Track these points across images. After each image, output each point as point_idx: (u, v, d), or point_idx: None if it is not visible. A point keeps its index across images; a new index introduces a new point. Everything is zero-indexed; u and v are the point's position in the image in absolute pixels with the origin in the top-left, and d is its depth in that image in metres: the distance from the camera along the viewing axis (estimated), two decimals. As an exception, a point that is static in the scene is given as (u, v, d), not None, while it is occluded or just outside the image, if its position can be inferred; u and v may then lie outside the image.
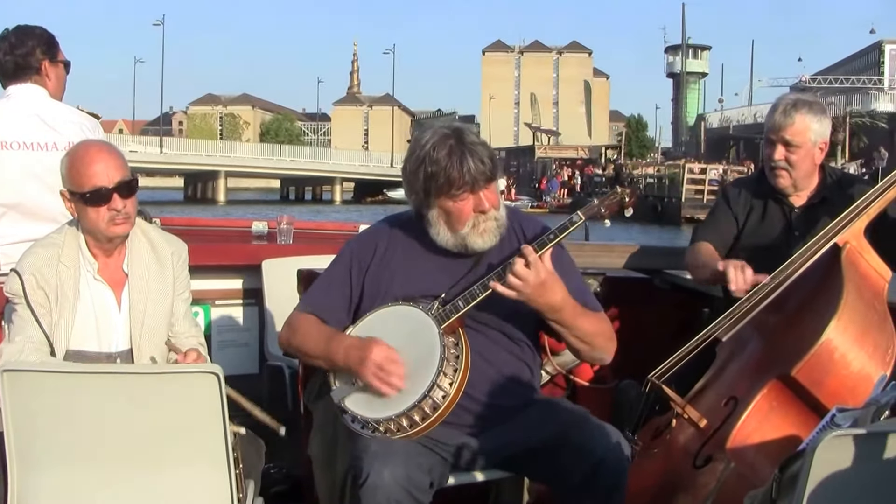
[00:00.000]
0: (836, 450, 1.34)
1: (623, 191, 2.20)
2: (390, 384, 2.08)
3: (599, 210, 2.19)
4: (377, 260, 2.29)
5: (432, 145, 2.13)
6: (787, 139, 2.68)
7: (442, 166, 2.10)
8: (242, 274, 4.04)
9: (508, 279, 2.07)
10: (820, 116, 2.68)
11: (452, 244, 2.19)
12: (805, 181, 2.73)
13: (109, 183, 2.20)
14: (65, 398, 1.84)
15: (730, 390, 2.34)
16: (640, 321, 3.25)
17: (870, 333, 2.24)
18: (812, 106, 2.70)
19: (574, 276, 2.28)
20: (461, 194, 2.12)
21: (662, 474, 2.35)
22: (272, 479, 2.97)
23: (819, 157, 2.71)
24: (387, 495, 1.94)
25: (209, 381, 1.83)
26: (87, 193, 2.19)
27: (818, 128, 2.67)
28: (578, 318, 2.18)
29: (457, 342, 2.13)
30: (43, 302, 2.19)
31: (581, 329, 2.19)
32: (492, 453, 2.21)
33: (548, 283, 2.09)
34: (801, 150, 2.67)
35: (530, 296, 2.08)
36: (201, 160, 57.82)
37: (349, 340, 2.18)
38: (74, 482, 1.88)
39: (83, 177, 2.20)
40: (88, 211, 2.21)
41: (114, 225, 2.23)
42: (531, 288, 2.07)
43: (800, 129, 2.66)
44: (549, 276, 2.09)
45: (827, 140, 2.70)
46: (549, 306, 2.12)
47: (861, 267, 2.38)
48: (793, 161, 2.69)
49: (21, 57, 2.94)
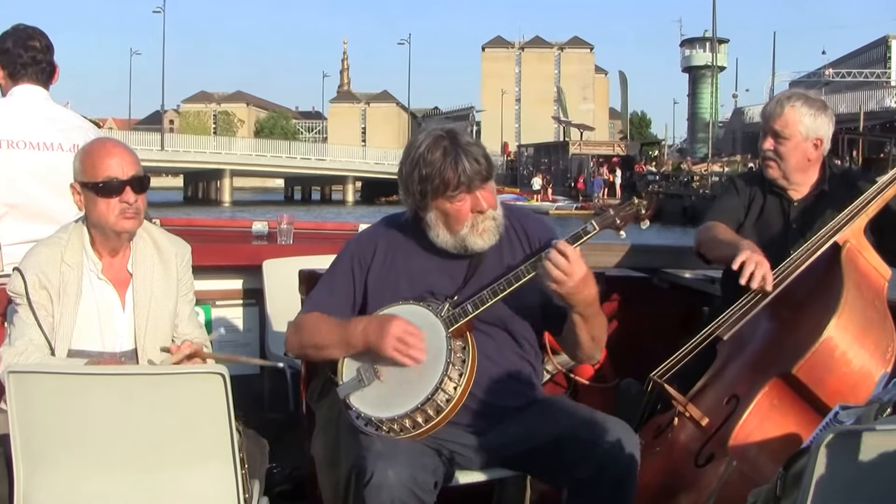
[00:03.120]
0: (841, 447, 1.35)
1: (640, 202, 2.17)
2: (411, 356, 2.09)
3: (615, 221, 2.17)
4: (379, 260, 2.30)
5: (426, 147, 2.14)
6: (777, 130, 2.69)
7: (437, 168, 2.11)
8: (243, 274, 4.04)
9: (555, 274, 2.06)
10: (815, 111, 2.68)
11: (452, 245, 2.20)
12: (798, 175, 2.73)
13: (123, 175, 2.22)
14: (70, 399, 1.84)
15: (731, 389, 2.36)
16: (640, 320, 3.26)
17: (870, 332, 2.25)
18: (808, 100, 2.70)
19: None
20: (458, 195, 2.14)
21: (664, 473, 2.36)
22: (275, 479, 2.97)
23: (813, 153, 2.70)
24: (391, 495, 1.95)
25: (215, 381, 1.83)
26: (101, 183, 2.20)
27: (810, 122, 2.66)
28: (600, 314, 2.21)
29: (464, 346, 2.14)
30: (45, 302, 2.20)
31: (599, 326, 2.22)
32: (496, 452, 2.22)
33: (588, 278, 2.10)
34: (790, 142, 2.68)
35: (572, 289, 2.08)
36: (205, 157, 53.97)
37: (366, 318, 2.20)
38: (80, 483, 1.88)
39: (97, 168, 2.21)
40: (99, 202, 2.22)
41: (124, 219, 2.23)
42: (574, 282, 2.07)
43: (789, 120, 2.67)
44: (588, 271, 2.10)
45: (822, 136, 2.69)
46: (585, 301, 2.13)
47: (861, 265, 2.40)
48: (781, 152, 2.70)
49: (42, 53, 2.94)
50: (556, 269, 2.06)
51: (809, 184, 2.75)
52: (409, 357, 2.09)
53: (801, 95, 2.74)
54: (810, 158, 2.71)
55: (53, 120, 2.96)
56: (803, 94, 2.78)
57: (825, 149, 2.73)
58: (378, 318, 2.16)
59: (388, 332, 2.10)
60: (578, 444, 2.12)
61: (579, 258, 2.08)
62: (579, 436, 2.13)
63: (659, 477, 2.34)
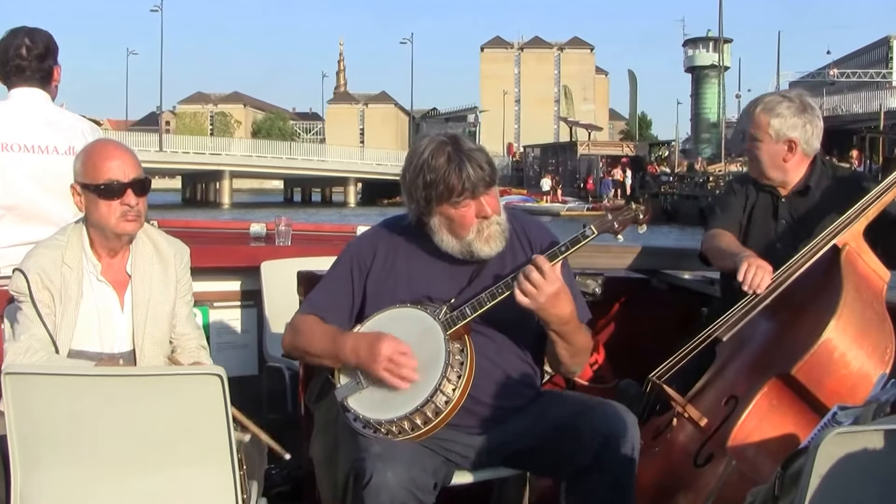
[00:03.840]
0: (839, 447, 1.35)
1: (638, 207, 2.19)
2: (402, 376, 2.09)
3: (613, 225, 2.18)
4: (379, 263, 2.29)
5: (430, 153, 2.14)
6: (750, 132, 2.78)
7: (441, 174, 2.12)
8: (241, 276, 4.04)
9: (525, 287, 2.08)
10: (789, 115, 2.71)
11: (458, 251, 2.20)
12: (776, 173, 2.77)
13: (125, 178, 2.22)
14: (68, 400, 1.84)
15: (730, 389, 2.36)
16: (639, 321, 3.27)
17: (869, 333, 2.26)
18: (782, 103, 2.74)
19: (574, 288, 2.28)
20: (462, 201, 2.13)
21: (663, 473, 2.36)
22: (273, 480, 2.97)
23: (788, 155, 2.73)
24: (390, 496, 1.94)
25: (213, 383, 1.83)
26: (102, 185, 2.21)
27: (779, 124, 2.71)
28: (579, 332, 2.21)
29: (462, 348, 2.14)
30: (48, 302, 2.20)
31: (578, 344, 2.22)
32: (495, 451, 2.22)
33: (560, 295, 2.10)
34: (762, 144, 2.75)
35: (543, 305, 2.09)
36: (205, 159, 53.18)
37: (356, 336, 2.19)
38: (77, 484, 1.87)
39: (99, 170, 2.21)
40: (100, 204, 2.22)
41: (124, 221, 2.23)
42: (545, 297, 2.08)
43: (760, 123, 2.74)
44: (561, 288, 2.10)
45: (795, 138, 2.71)
46: (559, 318, 2.13)
47: (860, 268, 2.41)
48: (754, 153, 2.78)
49: (38, 60, 2.94)
50: (528, 284, 2.07)
51: (794, 181, 2.79)
52: (401, 377, 2.09)
53: (777, 98, 2.79)
54: (786, 159, 2.75)
55: (51, 123, 2.96)
56: (782, 96, 2.81)
57: (806, 150, 2.75)
58: (367, 337, 2.15)
59: (378, 353, 2.10)
60: (577, 433, 2.12)
61: (553, 274, 2.08)
62: (577, 422, 2.14)
63: (658, 477, 2.34)
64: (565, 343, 2.18)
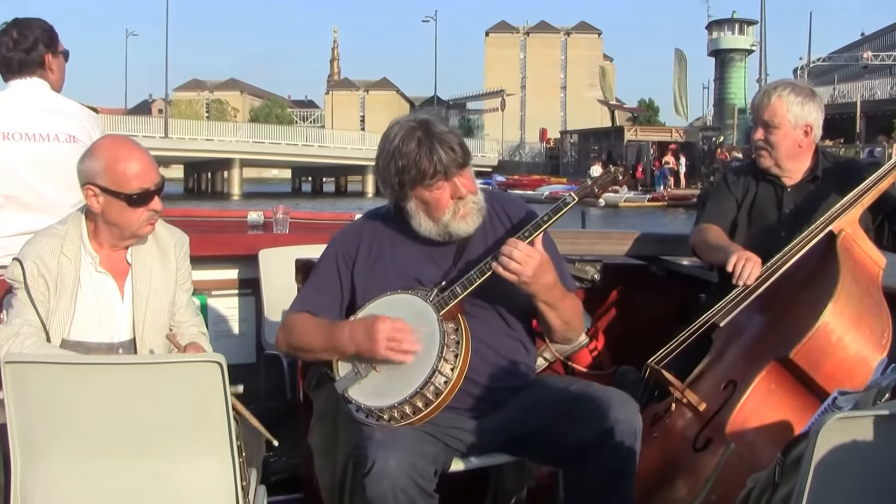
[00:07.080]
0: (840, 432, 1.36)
1: (616, 169, 2.27)
2: (405, 351, 2.10)
3: (593, 189, 2.23)
4: (363, 254, 2.31)
5: (401, 139, 2.16)
6: (766, 120, 2.76)
7: (412, 159, 2.13)
8: (239, 264, 4.04)
9: (509, 264, 2.11)
10: (803, 99, 2.74)
11: (436, 233, 2.22)
12: (790, 162, 2.78)
13: (152, 185, 2.22)
14: (68, 389, 1.84)
15: (728, 374, 2.37)
16: (637, 307, 3.27)
17: (865, 318, 2.27)
18: (795, 88, 2.76)
19: (555, 256, 2.31)
20: (435, 183, 2.15)
21: (662, 458, 2.37)
22: (272, 468, 2.97)
23: (804, 140, 2.76)
24: (392, 483, 1.95)
25: (212, 370, 1.83)
26: (135, 195, 2.20)
27: (798, 110, 2.73)
28: (565, 297, 2.26)
29: (456, 328, 2.15)
30: (42, 290, 2.20)
31: (567, 309, 2.26)
32: (494, 436, 2.23)
33: (544, 265, 2.14)
34: (780, 130, 2.74)
35: (530, 278, 2.12)
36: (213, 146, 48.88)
37: (351, 324, 2.20)
38: (77, 473, 1.88)
39: (128, 178, 2.19)
40: (128, 211, 2.22)
41: (148, 225, 2.26)
42: (531, 270, 2.11)
43: (777, 109, 2.73)
44: (544, 258, 2.14)
45: (811, 123, 2.74)
46: (544, 287, 2.17)
47: (856, 254, 2.42)
48: (771, 141, 2.76)
49: (25, 52, 2.94)
50: (511, 260, 2.10)
51: (802, 170, 2.80)
52: (404, 352, 2.10)
53: (787, 84, 2.80)
54: (801, 145, 2.77)
55: (49, 111, 2.95)
56: (789, 82, 2.83)
57: (816, 135, 2.78)
58: (363, 323, 2.16)
59: (376, 334, 2.10)
60: (577, 418, 2.13)
61: (534, 248, 2.12)
62: (577, 409, 2.14)
63: (657, 462, 2.35)
64: (554, 311, 2.23)
